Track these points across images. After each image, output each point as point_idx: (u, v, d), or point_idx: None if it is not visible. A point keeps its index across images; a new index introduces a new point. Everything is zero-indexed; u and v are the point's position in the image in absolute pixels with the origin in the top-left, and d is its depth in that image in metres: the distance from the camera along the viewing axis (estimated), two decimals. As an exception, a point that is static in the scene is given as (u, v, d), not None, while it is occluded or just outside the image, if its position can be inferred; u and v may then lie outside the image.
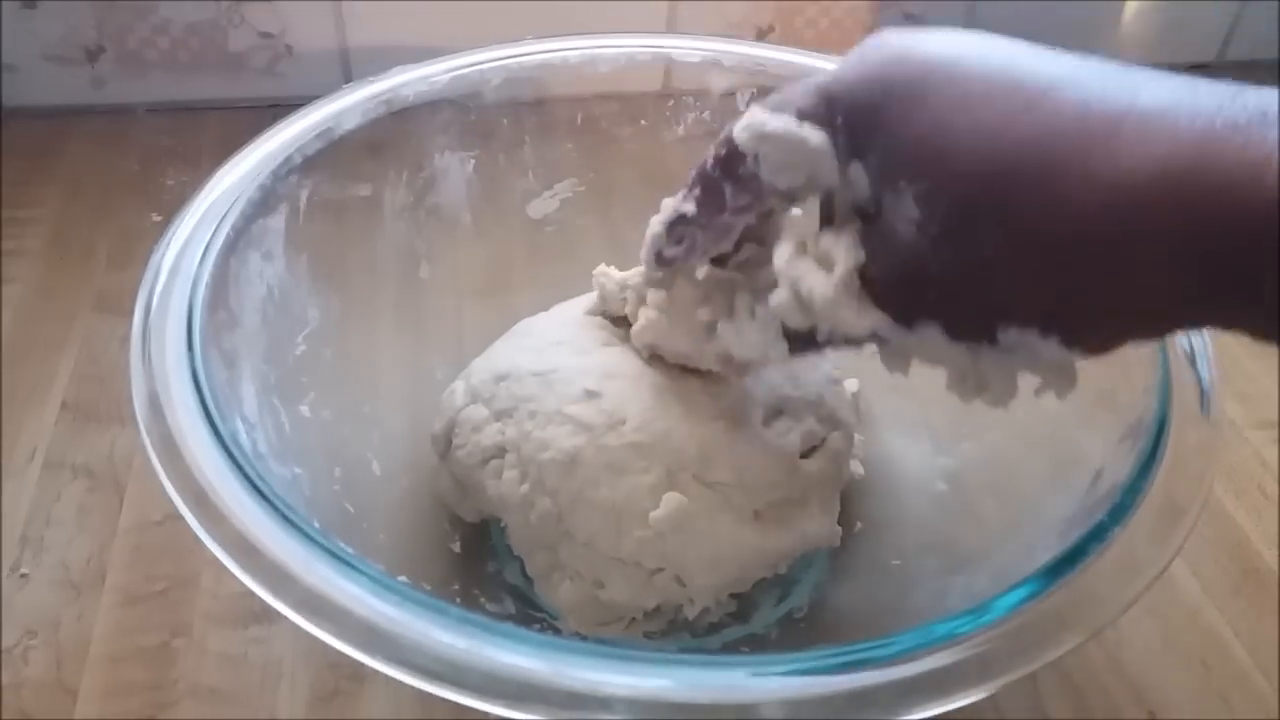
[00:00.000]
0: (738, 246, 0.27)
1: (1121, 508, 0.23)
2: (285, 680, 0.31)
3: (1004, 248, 0.19)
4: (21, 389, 0.39)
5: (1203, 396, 0.26)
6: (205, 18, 0.53)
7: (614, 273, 0.32)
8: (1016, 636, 0.21)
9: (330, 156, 0.33)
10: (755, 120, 0.23)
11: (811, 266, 0.23)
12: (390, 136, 0.35)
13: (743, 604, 0.30)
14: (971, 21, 0.60)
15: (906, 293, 0.22)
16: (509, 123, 0.37)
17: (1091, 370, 0.31)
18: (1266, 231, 0.16)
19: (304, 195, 0.32)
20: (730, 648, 0.30)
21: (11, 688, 0.30)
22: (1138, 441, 0.25)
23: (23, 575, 0.33)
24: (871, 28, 0.59)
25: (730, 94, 0.37)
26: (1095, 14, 0.61)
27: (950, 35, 0.21)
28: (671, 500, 0.27)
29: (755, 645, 0.31)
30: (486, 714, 0.19)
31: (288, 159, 0.31)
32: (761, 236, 0.27)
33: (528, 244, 0.39)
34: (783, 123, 0.23)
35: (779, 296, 0.24)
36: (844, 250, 0.22)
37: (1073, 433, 0.30)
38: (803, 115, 0.22)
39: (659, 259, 0.28)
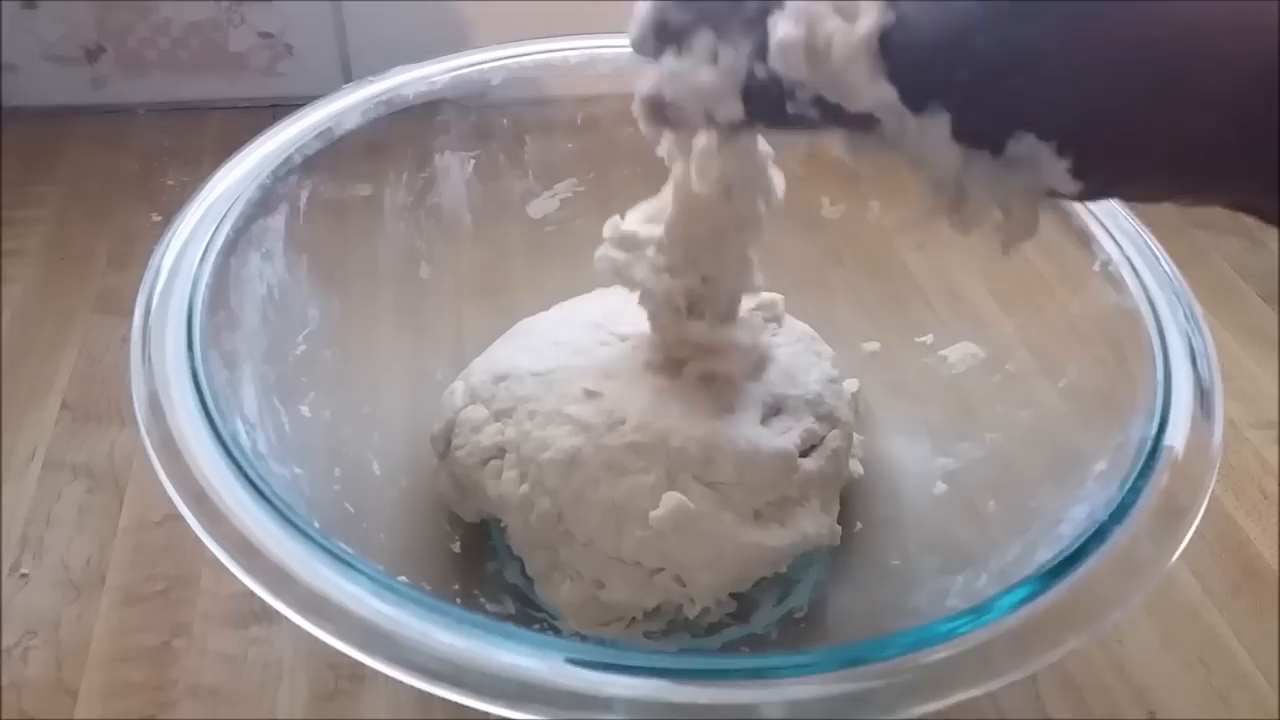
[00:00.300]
0: None
1: (1122, 508, 0.23)
2: (285, 680, 0.31)
3: (1069, 37, 0.18)
4: (21, 389, 0.39)
5: (1203, 396, 0.26)
6: (205, 17, 0.53)
7: (619, 224, 0.30)
8: (1017, 636, 0.21)
9: (330, 156, 0.33)
10: None
11: (833, 10, 0.20)
12: (390, 136, 0.35)
13: (743, 604, 0.30)
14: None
15: (931, 69, 0.19)
16: (509, 123, 0.37)
17: (1092, 369, 0.31)
18: None
19: (304, 195, 0.32)
20: (730, 648, 0.30)
21: (11, 688, 0.30)
22: (1138, 441, 0.25)
23: (23, 575, 0.33)
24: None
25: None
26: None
27: None
28: (671, 500, 0.27)
29: (755, 645, 0.31)
30: (487, 714, 0.19)
31: (288, 159, 0.31)
32: None
33: (528, 244, 0.39)
34: None
35: (787, 30, 0.20)
36: (875, 6, 0.19)
37: (1073, 432, 0.30)
38: None
39: (653, 106, 0.23)
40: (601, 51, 0.37)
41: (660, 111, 0.23)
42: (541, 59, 0.37)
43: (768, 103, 0.21)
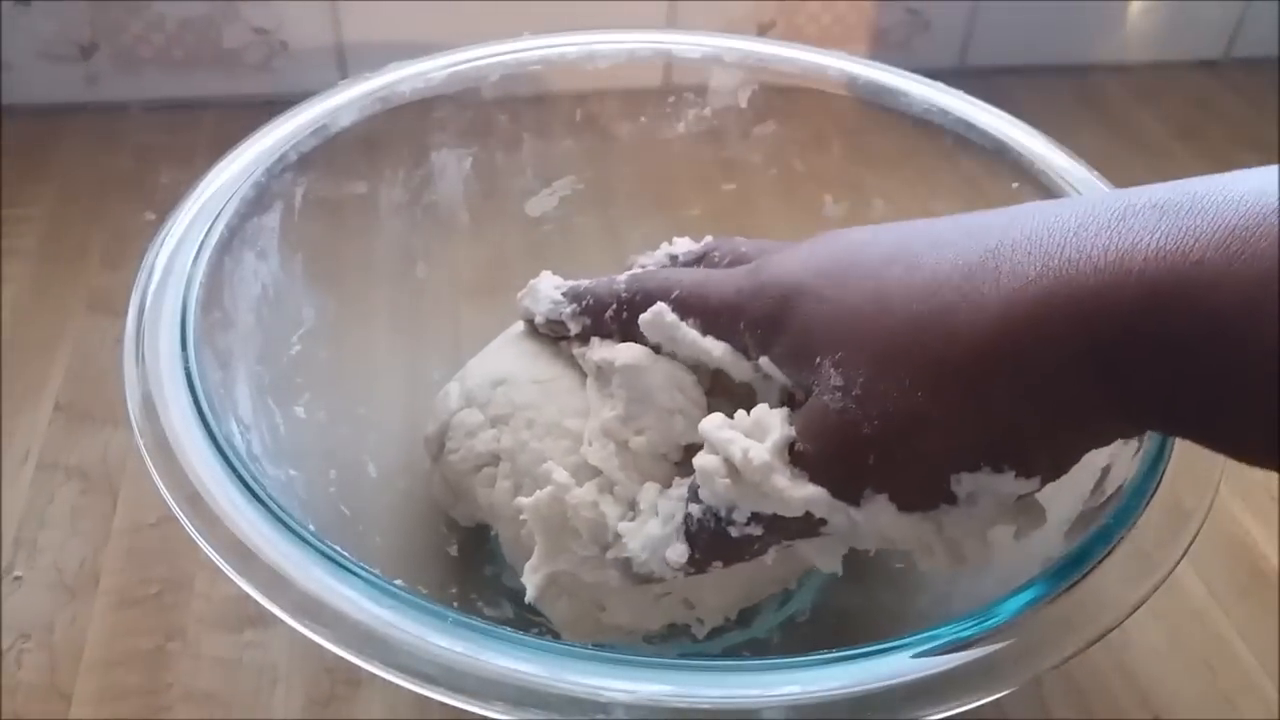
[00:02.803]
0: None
1: (1128, 510, 0.23)
2: (280, 684, 0.31)
3: (925, 389, 0.19)
4: (14, 390, 0.39)
5: (1209, 396, 0.26)
6: (199, 14, 0.52)
7: (548, 283, 0.30)
8: (1022, 640, 0.21)
9: (325, 154, 0.32)
10: (665, 321, 0.25)
11: (742, 434, 0.22)
12: (386, 133, 0.34)
13: (744, 609, 0.30)
14: (973, 20, 0.60)
15: (845, 462, 0.21)
16: (507, 119, 0.37)
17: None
18: (1132, 335, 0.17)
19: (299, 193, 0.32)
20: (731, 652, 0.30)
21: (5, 691, 0.30)
22: (1144, 443, 0.25)
23: (16, 578, 0.33)
24: (874, 23, 0.59)
25: (731, 90, 0.37)
26: (1100, 11, 0.61)
27: (820, 244, 0.23)
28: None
29: (757, 649, 0.30)
30: (483, 718, 0.19)
31: (282, 156, 0.31)
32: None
33: (526, 242, 0.39)
34: (689, 333, 0.25)
35: (705, 460, 0.23)
36: (777, 420, 0.22)
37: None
38: (706, 324, 0.24)
39: (530, 327, 0.29)
40: (599, 48, 0.37)
41: (634, 576, 0.25)
42: (539, 55, 0.36)
43: (709, 536, 0.23)
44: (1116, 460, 0.25)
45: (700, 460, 0.23)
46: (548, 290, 0.29)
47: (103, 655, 0.31)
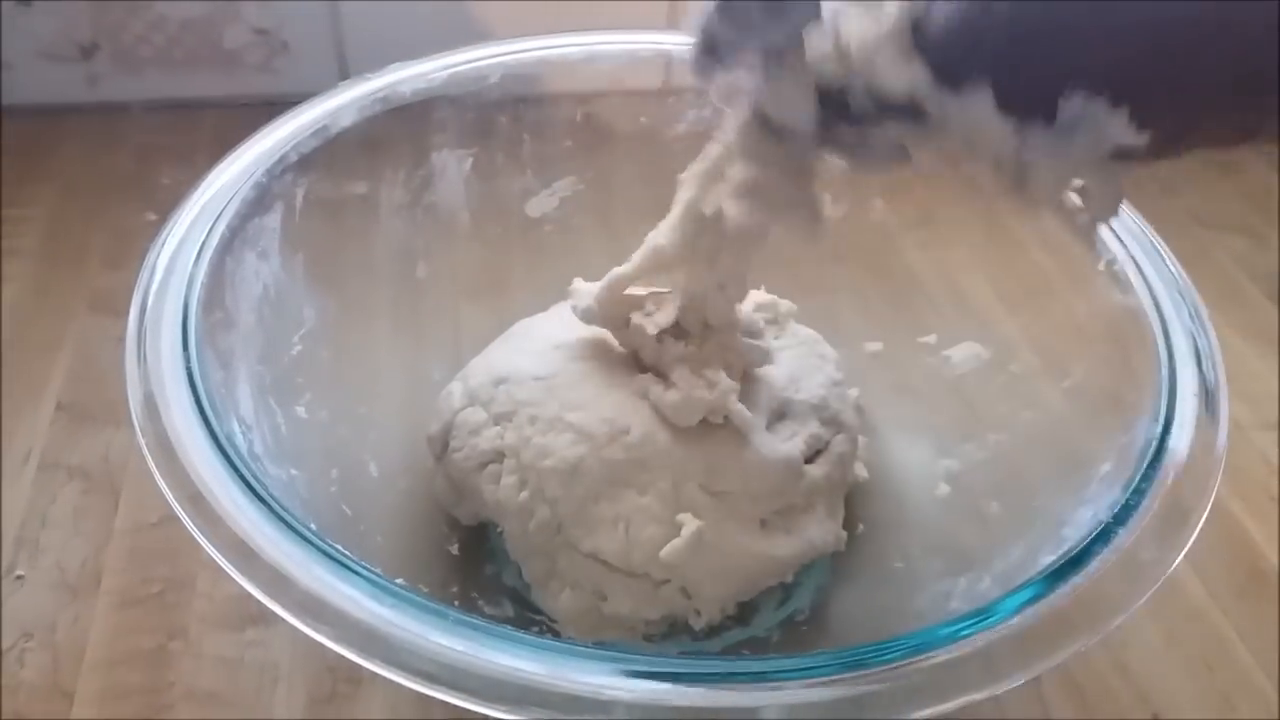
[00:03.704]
0: None
1: (1126, 509, 0.23)
2: (282, 683, 0.31)
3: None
4: (16, 390, 0.39)
5: (1208, 397, 0.26)
6: (200, 14, 0.52)
7: (584, 286, 0.31)
8: (1021, 639, 0.21)
9: (326, 154, 0.32)
10: None
11: (860, 10, 0.20)
12: (387, 134, 0.34)
13: (744, 607, 0.30)
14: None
15: (965, 40, 0.19)
16: (507, 120, 0.37)
17: (1096, 370, 0.31)
18: None
19: (300, 193, 0.32)
20: (731, 650, 0.30)
21: (8, 690, 0.30)
22: (1142, 442, 0.25)
23: (18, 577, 0.33)
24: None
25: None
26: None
27: None
28: (690, 528, 0.27)
29: (757, 648, 0.30)
30: (485, 717, 0.19)
31: (283, 157, 0.31)
32: None
33: (526, 243, 0.39)
34: None
35: (818, 41, 0.21)
36: (896, 5, 0.20)
37: (1077, 434, 0.30)
38: None
39: (708, 48, 0.24)
40: (601, 48, 0.37)
41: (713, 51, 0.24)
42: (540, 56, 0.36)
43: (836, 108, 0.22)
44: (1115, 460, 0.26)
45: (813, 41, 0.21)
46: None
47: (105, 654, 0.31)
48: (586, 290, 0.30)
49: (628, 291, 0.30)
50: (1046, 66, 0.19)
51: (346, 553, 0.22)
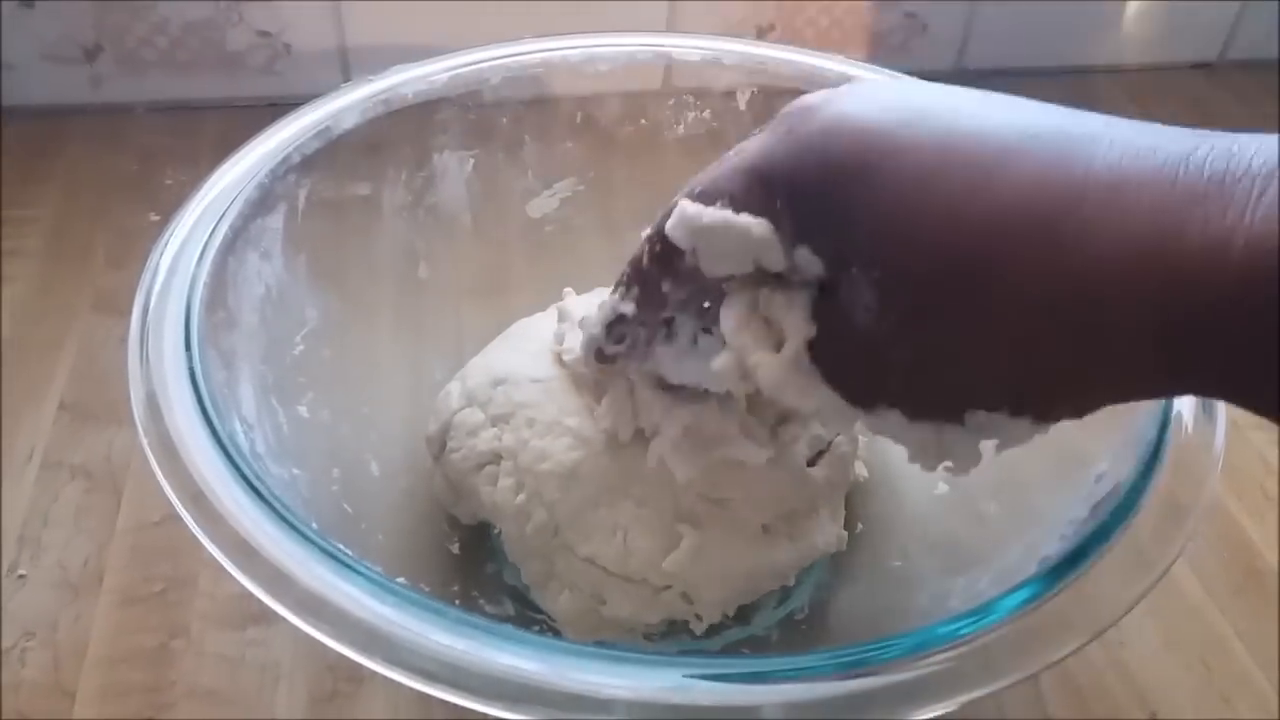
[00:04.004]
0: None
1: (1124, 508, 0.23)
2: (283, 682, 0.31)
3: (971, 331, 0.18)
4: (19, 389, 0.39)
5: (1205, 396, 0.26)
6: (203, 16, 0.52)
7: (575, 304, 0.30)
8: (1019, 638, 0.21)
9: (329, 156, 0.33)
10: (688, 214, 0.21)
11: (760, 336, 0.21)
12: (389, 135, 0.35)
13: (743, 606, 0.30)
14: (971, 23, 0.60)
15: (863, 378, 0.20)
16: (508, 122, 0.37)
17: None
18: (1231, 313, 0.16)
19: (302, 194, 0.32)
20: (731, 649, 0.30)
21: (9, 689, 0.30)
22: (1140, 442, 0.25)
23: (20, 576, 0.33)
24: (872, 26, 0.59)
25: (730, 93, 0.37)
26: (1096, 14, 0.61)
27: (874, 94, 0.20)
28: (689, 540, 0.27)
29: (756, 647, 0.30)
30: (485, 715, 0.19)
31: (286, 158, 0.31)
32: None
33: (527, 243, 0.39)
34: (719, 215, 0.21)
35: (723, 362, 0.23)
36: (795, 323, 0.21)
37: (1075, 433, 0.30)
38: (737, 202, 0.21)
39: (600, 357, 0.26)
40: (601, 50, 0.37)
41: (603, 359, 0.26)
42: (541, 58, 0.36)
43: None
44: (1113, 459, 0.26)
45: (717, 363, 0.23)
46: (571, 308, 0.29)
47: (106, 653, 0.31)
48: (575, 313, 0.30)
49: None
50: (947, 395, 0.20)
51: (347, 552, 0.22)
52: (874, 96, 0.20)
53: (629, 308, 0.25)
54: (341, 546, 0.22)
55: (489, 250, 0.38)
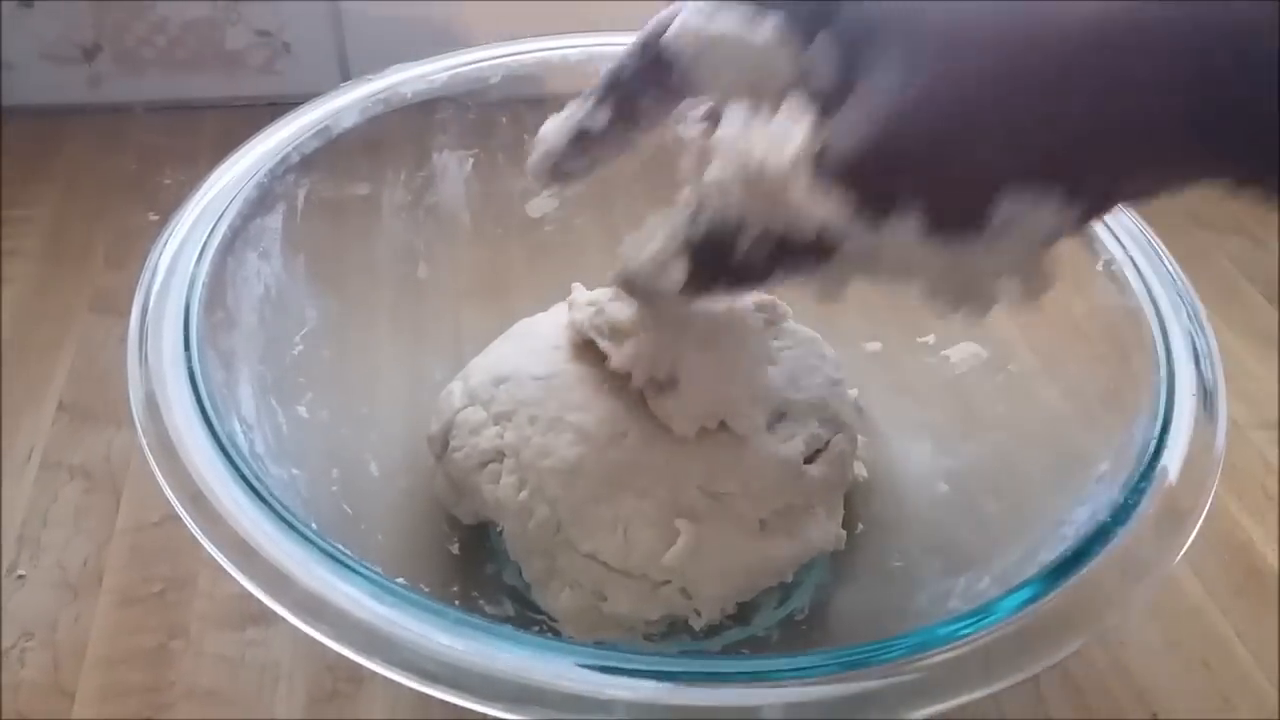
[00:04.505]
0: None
1: (1124, 509, 0.23)
2: (283, 682, 0.31)
3: (997, 85, 0.17)
4: (18, 389, 0.39)
5: (1206, 396, 0.26)
6: (202, 16, 0.52)
7: (584, 294, 0.31)
8: (1019, 638, 0.21)
9: (328, 155, 0.32)
10: (693, 23, 0.20)
11: (764, 138, 0.19)
12: (388, 135, 0.35)
13: (743, 606, 0.30)
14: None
15: (885, 166, 0.18)
16: (508, 121, 0.37)
17: (1095, 370, 0.31)
18: (1258, 54, 0.15)
19: (302, 194, 0.32)
20: (731, 650, 0.30)
21: (9, 689, 0.30)
22: (1141, 442, 0.25)
23: (20, 576, 0.33)
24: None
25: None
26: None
27: None
28: (687, 534, 0.27)
29: (756, 647, 0.30)
30: (485, 716, 0.19)
31: (285, 158, 0.31)
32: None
33: (527, 243, 0.39)
34: (730, 20, 0.19)
35: (716, 171, 0.19)
36: (805, 127, 0.19)
37: (1075, 433, 0.30)
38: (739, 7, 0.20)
39: (554, 173, 0.24)
40: (601, 49, 0.37)
41: (624, 285, 0.24)
42: (540, 57, 0.36)
43: (712, 252, 0.20)
44: (1113, 459, 0.26)
45: (711, 171, 0.20)
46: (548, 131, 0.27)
47: (105, 653, 0.31)
48: (583, 302, 0.30)
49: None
50: (974, 174, 0.18)
51: (347, 552, 0.22)
52: None
53: (599, 120, 0.23)
54: (341, 547, 0.22)
55: (489, 250, 0.38)
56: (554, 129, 0.24)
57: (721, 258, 0.20)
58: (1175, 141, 0.17)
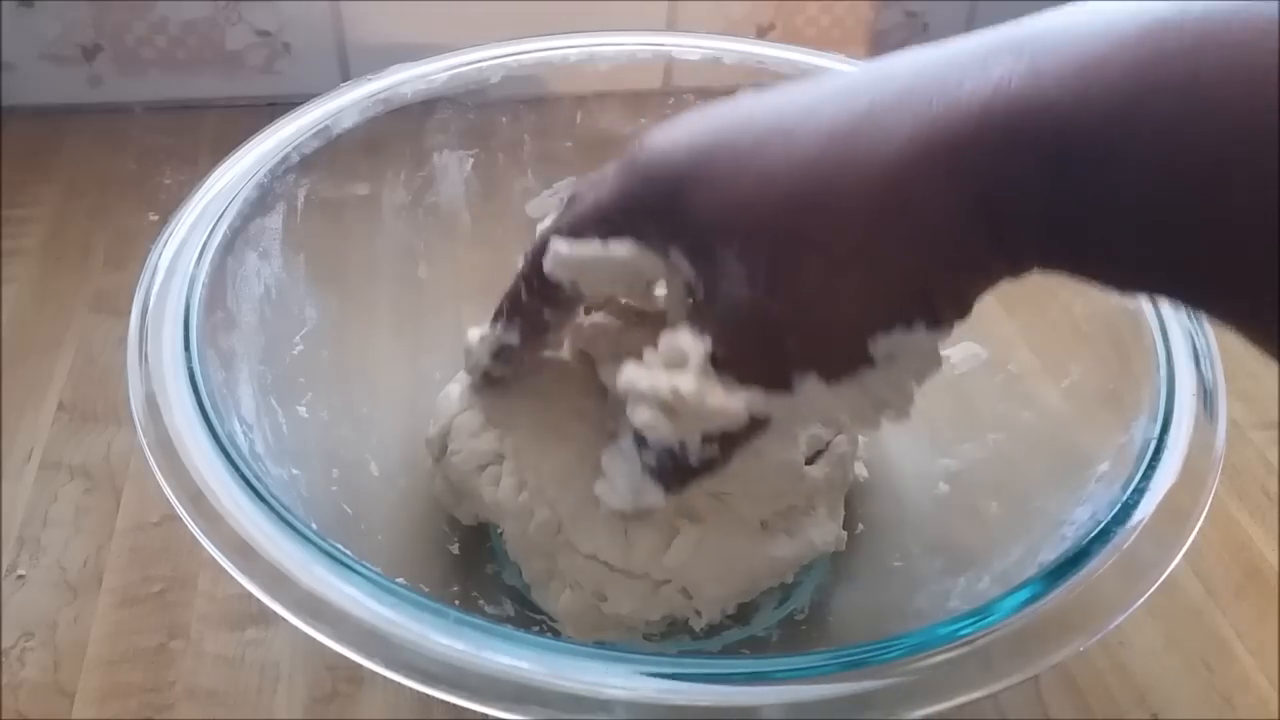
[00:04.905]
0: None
1: (1125, 509, 0.23)
2: (283, 682, 0.31)
3: (826, 260, 0.20)
4: (18, 389, 0.39)
5: (1206, 397, 0.26)
6: (202, 16, 0.52)
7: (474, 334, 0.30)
8: (1019, 638, 0.21)
9: (328, 155, 0.33)
10: (563, 253, 0.24)
11: (660, 371, 0.22)
12: (388, 135, 0.35)
13: (743, 606, 0.30)
14: (972, 21, 0.60)
15: (768, 353, 0.21)
16: (508, 121, 0.37)
17: (1095, 371, 0.31)
18: (1002, 178, 0.18)
19: (301, 194, 0.32)
20: (731, 650, 0.30)
21: (8, 689, 0.30)
22: (1141, 442, 0.25)
23: (20, 576, 0.33)
24: (873, 25, 0.59)
25: (731, 92, 0.37)
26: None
27: (698, 119, 0.22)
28: (691, 532, 0.27)
29: (756, 647, 0.30)
30: (485, 716, 0.19)
31: (285, 158, 0.31)
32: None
33: (527, 243, 0.39)
34: (591, 247, 0.23)
35: (640, 415, 0.22)
36: (690, 341, 0.22)
37: (1075, 433, 0.30)
38: (602, 232, 0.23)
39: (487, 380, 0.29)
40: (600, 50, 0.37)
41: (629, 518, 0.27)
42: (540, 57, 0.36)
43: (673, 471, 0.23)
44: (1113, 460, 0.26)
45: (633, 414, 0.23)
46: (473, 342, 0.29)
47: (105, 653, 0.31)
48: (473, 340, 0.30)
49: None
50: (839, 334, 0.20)
51: (347, 552, 0.22)
52: (695, 121, 0.22)
53: (513, 338, 0.27)
54: (341, 547, 0.22)
55: (489, 250, 0.38)
56: (478, 348, 0.28)
57: (681, 470, 0.23)
58: (988, 248, 0.19)
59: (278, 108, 0.33)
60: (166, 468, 0.23)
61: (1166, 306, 0.28)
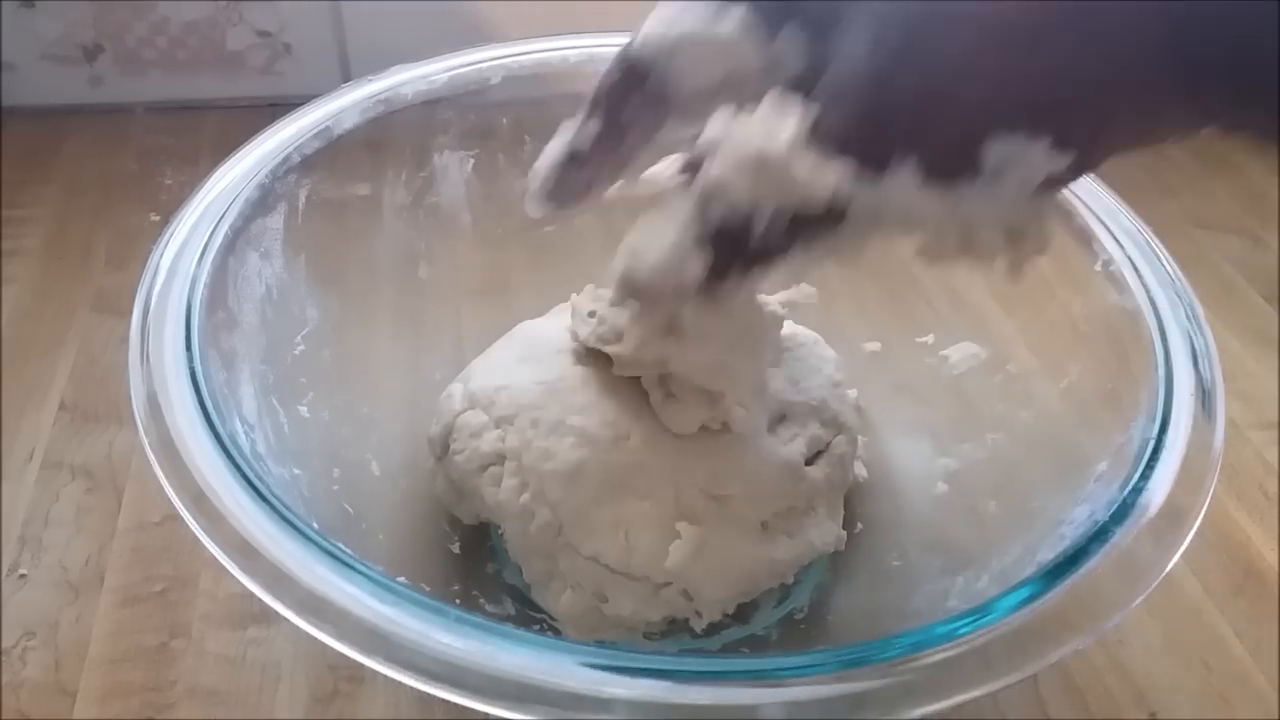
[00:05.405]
0: None
1: (1123, 508, 0.23)
2: (284, 681, 0.31)
3: (976, 36, 0.18)
4: (20, 389, 0.39)
5: (1204, 397, 0.26)
6: (203, 16, 0.52)
7: (584, 304, 0.31)
8: (1018, 637, 0.21)
9: (329, 156, 0.33)
10: (655, 28, 0.21)
11: (755, 129, 0.20)
12: (389, 135, 0.35)
13: (743, 605, 0.30)
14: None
15: (875, 126, 0.19)
16: (509, 122, 0.37)
17: (1094, 371, 0.31)
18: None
19: (302, 194, 0.32)
20: (730, 648, 0.30)
21: (10, 688, 0.30)
22: (1139, 442, 0.25)
23: (21, 576, 0.33)
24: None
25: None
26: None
27: None
28: (691, 535, 0.27)
29: (755, 646, 0.30)
30: (486, 715, 0.19)
31: (286, 158, 0.31)
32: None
33: (527, 243, 0.39)
34: (689, 21, 0.20)
35: (717, 168, 0.20)
36: (792, 109, 0.20)
37: (1074, 433, 0.30)
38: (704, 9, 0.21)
39: (551, 196, 0.25)
40: (601, 50, 0.37)
41: (634, 291, 0.23)
42: (541, 58, 0.36)
43: (730, 241, 0.21)
44: (1112, 459, 0.26)
45: (711, 166, 0.20)
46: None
47: (107, 653, 0.31)
48: (584, 313, 0.30)
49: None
50: (961, 121, 0.19)
51: (348, 551, 0.22)
52: None
53: (588, 135, 0.24)
54: (342, 546, 0.22)
55: (489, 250, 0.38)
56: (547, 153, 0.25)
57: (738, 243, 0.21)
58: (1158, 76, 0.17)
59: (279, 108, 0.33)
60: (168, 467, 0.23)
61: (1165, 307, 0.28)
